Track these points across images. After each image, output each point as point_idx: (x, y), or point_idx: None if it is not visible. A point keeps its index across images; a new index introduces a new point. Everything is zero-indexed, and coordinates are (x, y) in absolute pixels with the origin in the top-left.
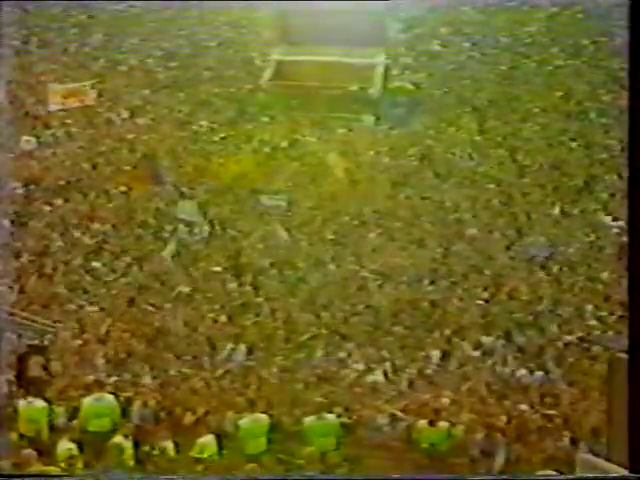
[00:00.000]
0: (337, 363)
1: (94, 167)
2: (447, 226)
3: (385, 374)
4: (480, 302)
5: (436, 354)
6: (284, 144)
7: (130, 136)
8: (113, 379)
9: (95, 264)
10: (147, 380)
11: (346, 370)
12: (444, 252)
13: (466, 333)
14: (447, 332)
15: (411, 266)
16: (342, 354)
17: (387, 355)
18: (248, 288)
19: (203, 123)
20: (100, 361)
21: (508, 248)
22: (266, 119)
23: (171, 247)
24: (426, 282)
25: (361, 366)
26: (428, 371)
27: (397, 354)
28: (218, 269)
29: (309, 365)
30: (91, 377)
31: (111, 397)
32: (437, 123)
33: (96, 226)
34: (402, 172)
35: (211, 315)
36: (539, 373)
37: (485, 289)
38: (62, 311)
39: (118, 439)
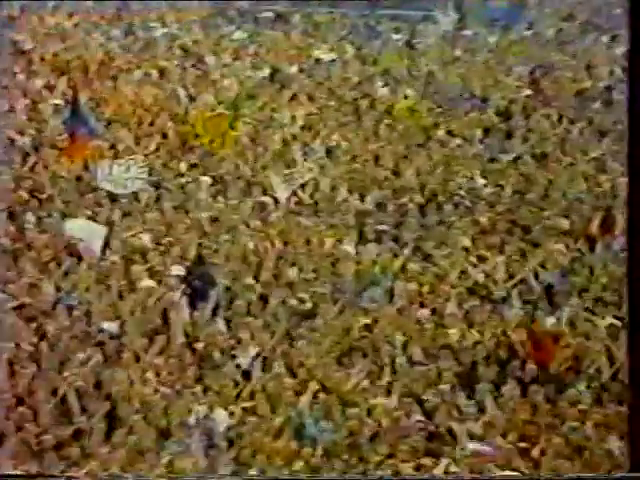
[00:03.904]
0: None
1: None
2: (581, 214)
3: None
4: None
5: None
6: (295, 67)
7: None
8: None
9: None
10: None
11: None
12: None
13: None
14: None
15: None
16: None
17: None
18: (220, 319)
19: (153, 25)
20: None
21: None
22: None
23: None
24: (543, 306)
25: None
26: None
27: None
28: (169, 279)
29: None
30: None
31: None
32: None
33: None
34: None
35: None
36: None
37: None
38: None
39: None
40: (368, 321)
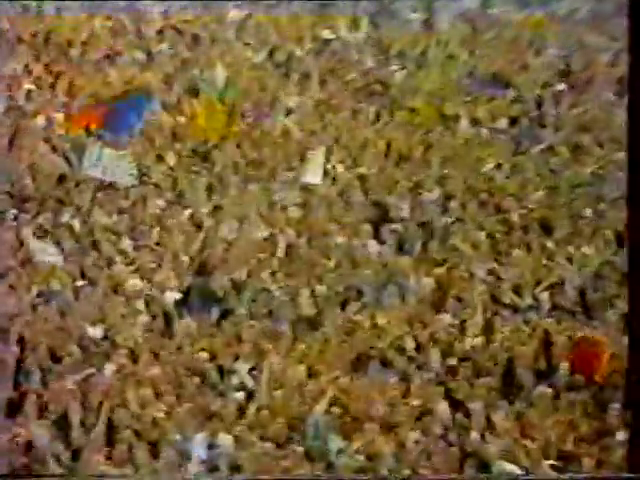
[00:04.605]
0: None
1: None
2: None
3: None
4: None
5: None
6: (301, 49)
7: None
8: None
9: None
10: None
11: None
12: None
13: None
14: None
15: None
16: None
17: None
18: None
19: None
20: None
21: None
22: None
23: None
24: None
25: None
26: None
27: None
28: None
29: None
30: None
31: None
32: None
33: None
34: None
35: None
36: None
37: None
38: None
39: None
40: (384, 324)
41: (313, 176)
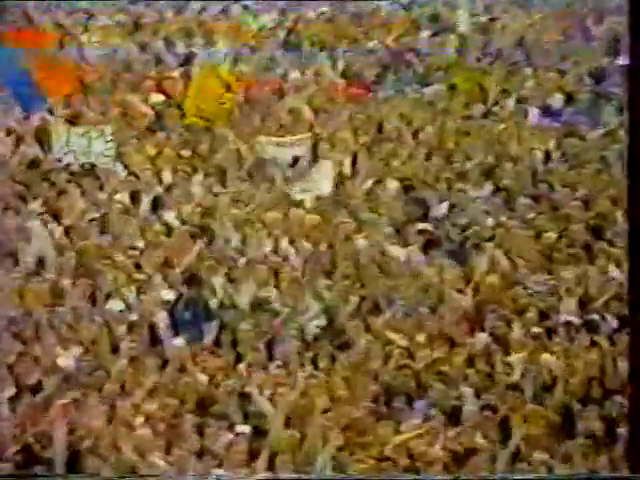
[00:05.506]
0: None
1: None
2: None
3: None
4: None
5: None
6: (310, 11)
7: None
8: None
9: None
10: None
11: None
12: None
13: None
14: None
15: None
16: None
17: None
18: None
19: None
20: None
21: None
22: None
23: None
24: None
25: None
26: None
27: None
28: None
29: None
30: None
31: None
32: None
33: None
34: None
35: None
36: None
37: None
38: None
39: None
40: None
41: (324, 187)
